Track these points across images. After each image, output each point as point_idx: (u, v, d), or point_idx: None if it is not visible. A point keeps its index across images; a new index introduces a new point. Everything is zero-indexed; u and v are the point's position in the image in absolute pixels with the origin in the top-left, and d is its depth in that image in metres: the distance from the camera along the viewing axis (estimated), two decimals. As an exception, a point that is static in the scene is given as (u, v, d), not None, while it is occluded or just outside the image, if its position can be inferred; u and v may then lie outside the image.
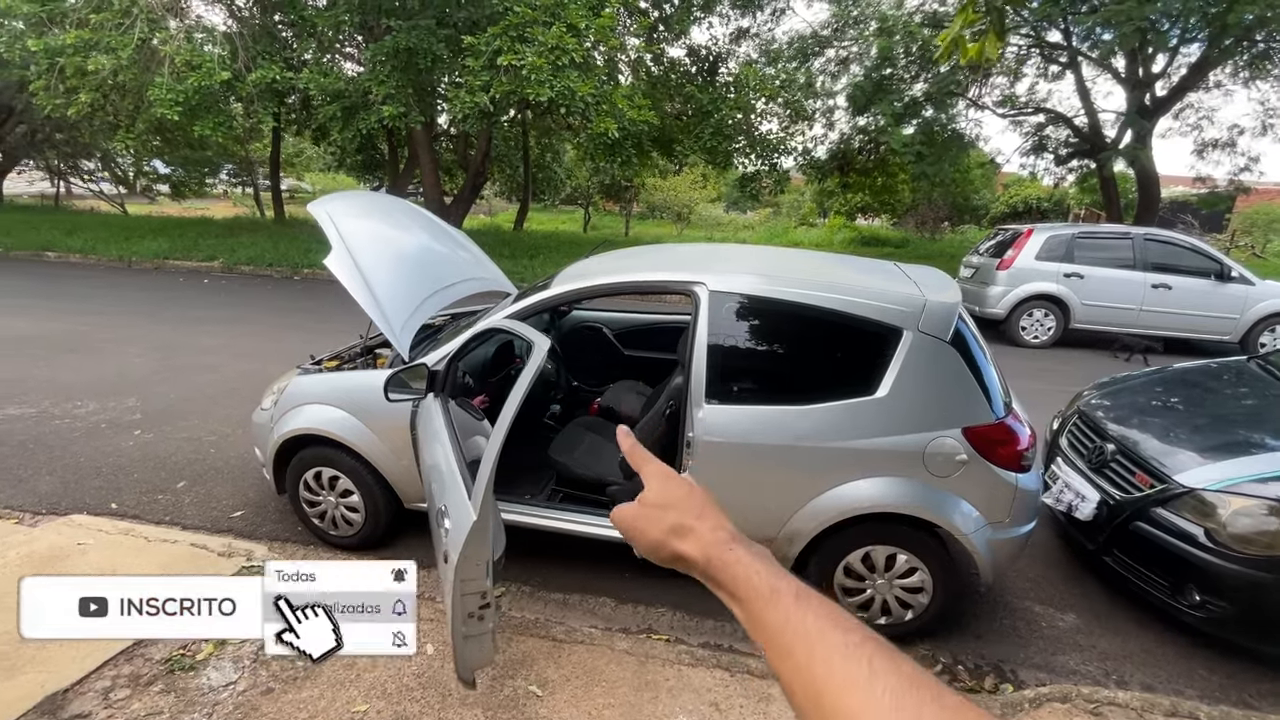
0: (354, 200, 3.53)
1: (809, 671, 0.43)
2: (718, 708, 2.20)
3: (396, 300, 2.81)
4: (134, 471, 3.84)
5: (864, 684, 0.40)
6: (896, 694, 0.39)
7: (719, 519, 0.57)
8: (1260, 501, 2.45)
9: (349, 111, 10.21)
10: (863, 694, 0.40)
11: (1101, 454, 3.07)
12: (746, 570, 0.50)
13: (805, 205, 26.12)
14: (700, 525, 0.55)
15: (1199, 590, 2.53)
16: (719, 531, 0.55)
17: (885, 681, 0.40)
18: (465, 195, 14.69)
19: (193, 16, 10.96)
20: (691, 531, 0.55)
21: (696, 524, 0.56)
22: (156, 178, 21.14)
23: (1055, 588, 3.11)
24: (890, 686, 0.39)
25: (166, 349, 6.27)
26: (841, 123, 15.08)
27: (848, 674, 0.41)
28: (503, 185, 22.90)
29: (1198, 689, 2.51)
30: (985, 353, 2.58)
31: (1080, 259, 7.91)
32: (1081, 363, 7.25)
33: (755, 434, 2.50)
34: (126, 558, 2.83)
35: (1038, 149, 14.82)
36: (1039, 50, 13.27)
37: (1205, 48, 11.31)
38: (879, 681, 0.40)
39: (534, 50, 8.45)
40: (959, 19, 1.94)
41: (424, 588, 2.81)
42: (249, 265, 11.19)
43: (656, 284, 2.76)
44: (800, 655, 0.44)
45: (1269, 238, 20.72)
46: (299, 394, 3.07)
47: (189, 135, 12.85)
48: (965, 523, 2.43)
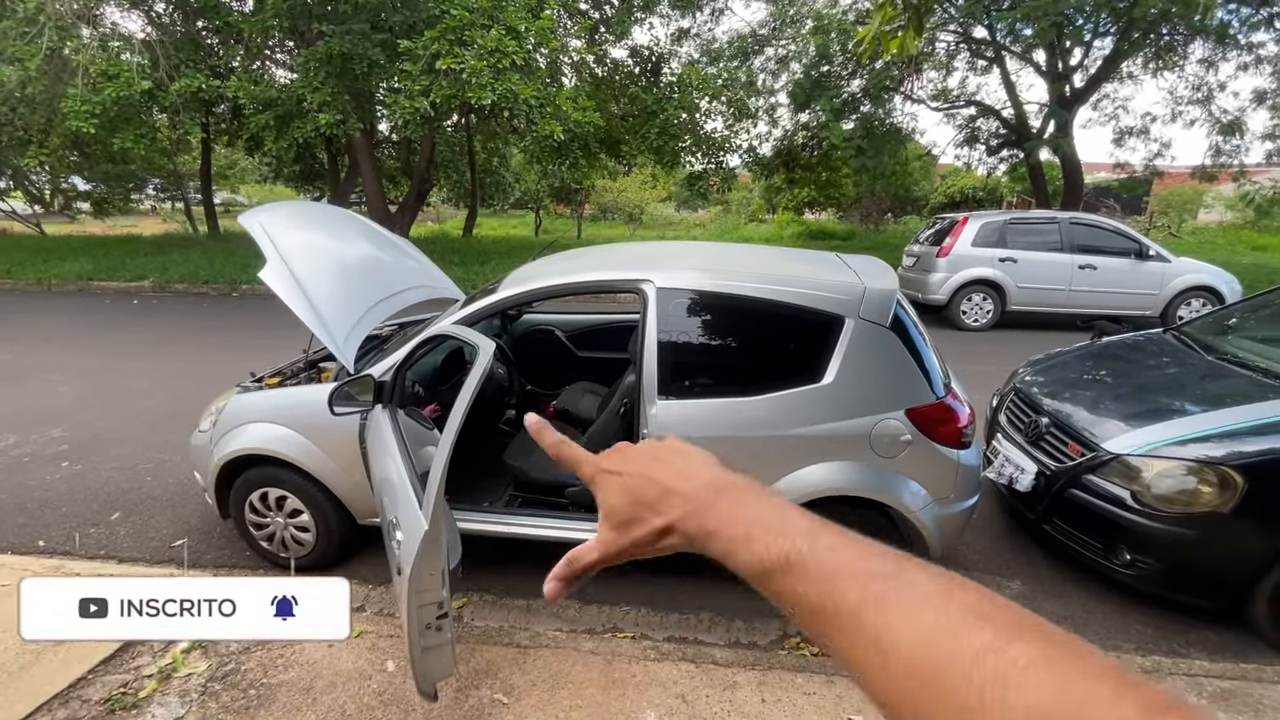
0: (289, 211, 3.41)
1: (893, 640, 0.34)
2: (684, 699, 2.22)
3: (338, 311, 2.73)
4: (62, 505, 3.62)
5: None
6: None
7: (688, 476, 0.48)
8: (1179, 463, 2.62)
9: (283, 120, 9.86)
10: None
11: (1037, 427, 3.23)
12: (737, 545, 0.43)
13: (754, 202, 26.59)
14: (669, 500, 0.47)
15: (1129, 550, 2.69)
16: (690, 503, 0.46)
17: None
18: (410, 203, 14.38)
19: (107, 24, 10.41)
20: (659, 514, 0.47)
21: (664, 503, 0.47)
22: (76, 195, 19.98)
23: (1002, 557, 3.26)
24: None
25: (93, 375, 5.93)
26: (784, 120, 15.45)
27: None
28: (450, 191, 22.50)
29: (1134, 642, 2.67)
30: (924, 336, 2.68)
31: (1013, 244, 8.29)
32: (1019, 343, 7.58)
33: (708, 426, 2.53)
34: (57, 597, 2.66)
35: (970, 140, 15.49)
36: (966, 45, 13.84)
37: (1116, 40, 12.00)
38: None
39: (473, 53, 8.33)
40: (877, 16, 2.02)
41: (382, 604, 2.75)
42: (182, 283, 10.68)
43: (604, 283, 2.76)
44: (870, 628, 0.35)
45: (1183, 218, 22.18)
46: (240, 413, 2.95)
47: (109, 149, 12.18)
48: (913, 501, 2.52)
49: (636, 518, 0.48)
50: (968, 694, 0.30)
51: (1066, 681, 0.29)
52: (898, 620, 0.34)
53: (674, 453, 0.51)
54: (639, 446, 0.52)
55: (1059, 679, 0.29)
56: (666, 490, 0.47)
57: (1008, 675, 0.30)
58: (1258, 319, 3.88)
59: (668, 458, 0.50)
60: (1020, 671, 0.30)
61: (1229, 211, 22.13)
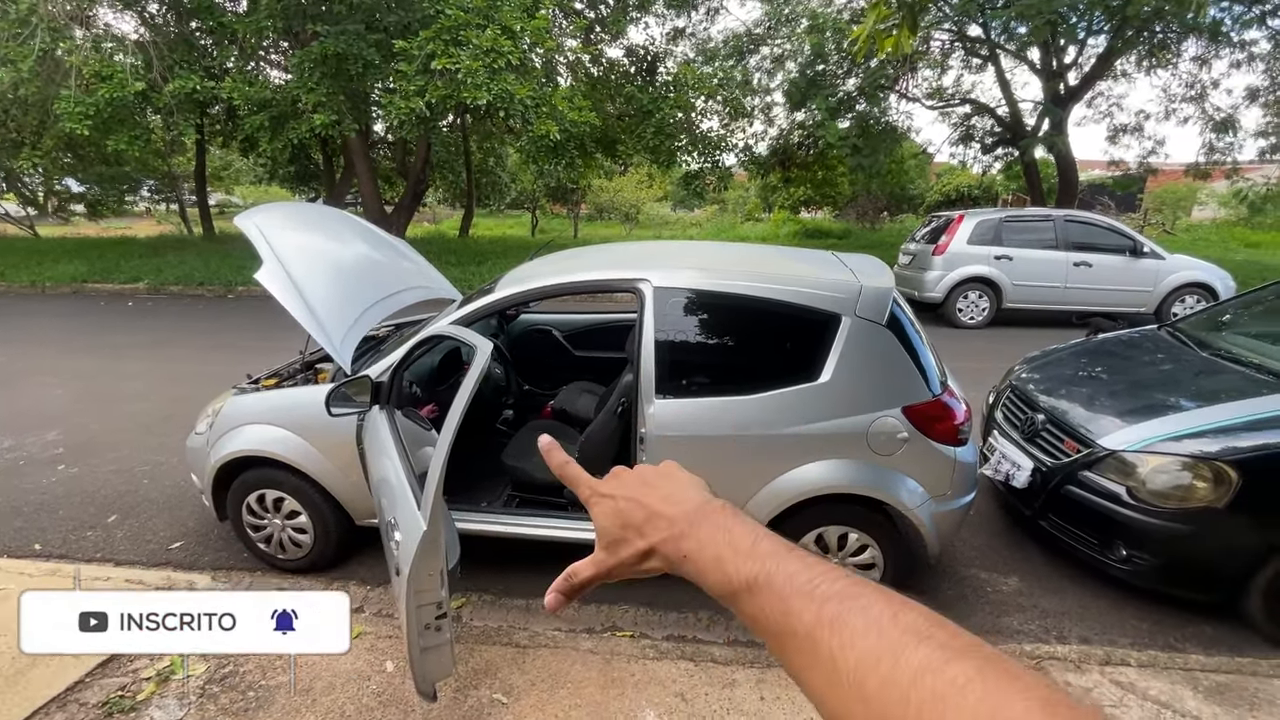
0: (285, 212, 3.40)
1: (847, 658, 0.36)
2: (683, 698, 2.23)
3: (335, 312, 2.73)
4: (59, 509, 3.60)
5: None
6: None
7: (670, 506, 0.49)
8: (1174, 458, 2.63)
9: (277, 121, 9.82)
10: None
11: (1033, 424, 3.24)
12: (708, 567, 0.45)
13: (750, 201, 26.60)
14: (654, 523, 0.49)
15: (1125, 545, 2.71)
16: (673, 527, 0.48)
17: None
18: (406, 203, 14.35)
19: (100, 25, 10.36)
20: (643, 536, 0.50)
21: (647, 529, 0.49)
22: (70, 197, 19.87)
23: (998, 554, 3.27)
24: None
25: (89, 378, 5.90)
26: (780, 119, 15.46)
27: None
28: (446, 192, 22.47)
29: (1129, 637, 2.68)
30: (920, 334, 2.69)
31: (1008, 241, 8.32)
32: (1015, 340, 7.60)
33: (706, 426, 2.53)
34: (54, 600, 2.65)
35: (965, 139, 15.52)
36: (961, 44, 13.88)
37: (1110, 38, 12.05)
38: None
39: (469, 53, 8.32)
40: (871, 15, 2.02)
41: (381, 605, 2.75)
42: (177, 285, 10.64)
43: (601, 283, 2.76)
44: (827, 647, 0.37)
45: (1177, 215, 22.28)
46: (236, 415, 2.94)
47: (103, 150, 12.13)
48: (910, 498, 2.53)
49: (624, 539, 0.50)
50: (905, 713, 0.32)
51: (1002, 700, 0.30)
52: (848, 642, 0.36)
53: (664, 478, 0.53)
54: (634, 471, 0.54)
55: (994, 698, 0.30)
56: (652, 514, 0.49)
57: (945, 695, 0.31)
58: (1251, 315, 3.90)
59: (657, 483, 0.52)
60: (958, 691, 0.31)
61: (1222, 208, 22.24)
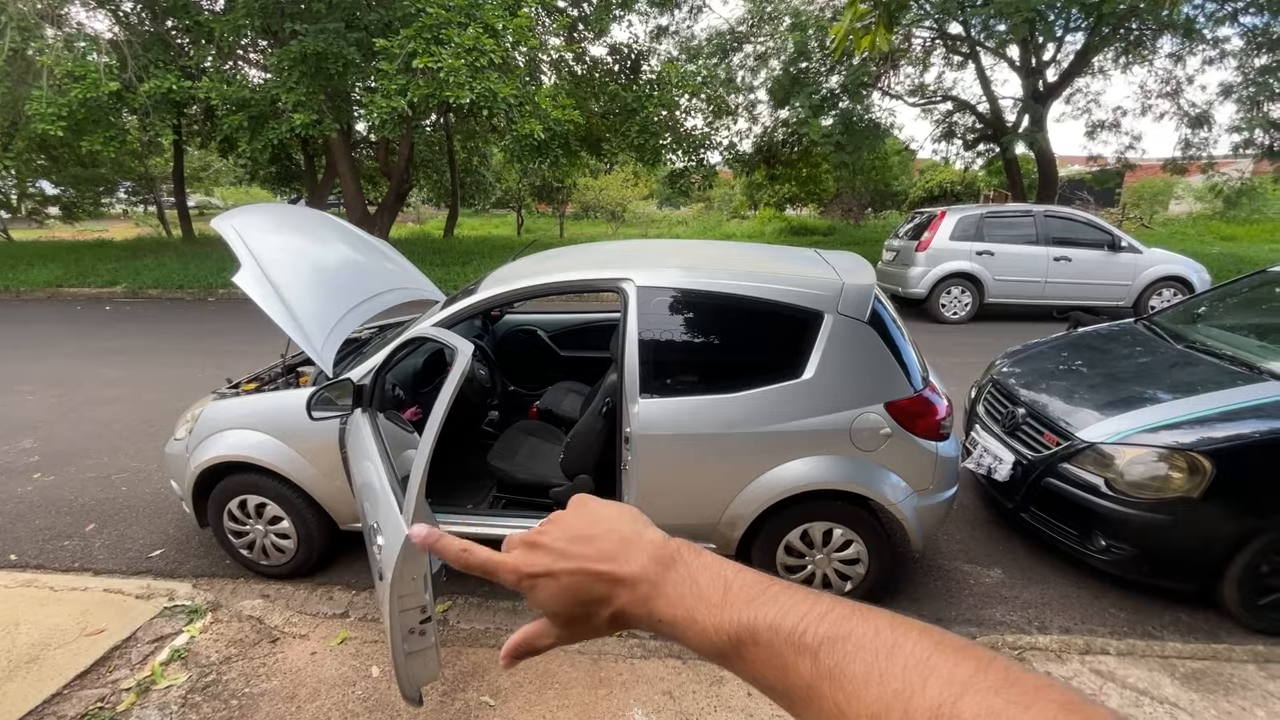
0: (264, 214, 3.36)
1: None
2: (671, 695, 2.23)
3: (316, 315, 2.70)
4: (34, 518, 3.54)
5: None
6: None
7: (630, 551, 0.45)
8: (1151, 450, 2.68)
9: (257, 121, 9.68)
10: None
11: (1014, 418, 3.28)
12: (685, 629, 0.43)
13: (736, 199, 26.66)
14: (615, 590, 0.44)
15: (1104, 536, 2.75)
16: (635, 590, 0.44)
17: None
18: (390, 204, 14.21)
19: (72, 23, 10.15)
20: (609, 604, 0.45)
21: (614, 588, 0.45)
22: (44, 199, 19.47)
23: (981, 547, 3.31)
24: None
25: (65, 384, 5.80)
26: (764, 116, 15.52)
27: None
28: (430, 192, 22.28)
29: (1109, 626, 2.73)
30: (902, 330, 2.71)
31: (990, 237, 8.41)
32: (997, 335, 7.69)
33: (691, 424, 2.54)
34: (29, 611, 2.60)
35: (947, 135, 15.67)
36: (942, 42, 14.00)
37: (1087, 36, 12.21)
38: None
39: (450, 52, 8.25)
40: (848, 13, 2.03)
41: (366, 609, 2.73)
42: (156, 288, 10.48)
43: (585, 283, 2.76)
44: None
45: (1154, 210, 22.66)
46: (216, 420, 2.90)
47: (77, 152, 11.87)
48: (893, 493, 2.55)
49: (586, 615, 0.45)
50: None
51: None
52: (852, 694, 0.35)
53: (599, 525, 0.47)
54: (556, 529, 0.47)
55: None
56: (611, 580, 0.44)
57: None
58: (1225, 307, 3.97)
59: (596, 537, 0.46)
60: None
61: (1198, 203, 22.63)
